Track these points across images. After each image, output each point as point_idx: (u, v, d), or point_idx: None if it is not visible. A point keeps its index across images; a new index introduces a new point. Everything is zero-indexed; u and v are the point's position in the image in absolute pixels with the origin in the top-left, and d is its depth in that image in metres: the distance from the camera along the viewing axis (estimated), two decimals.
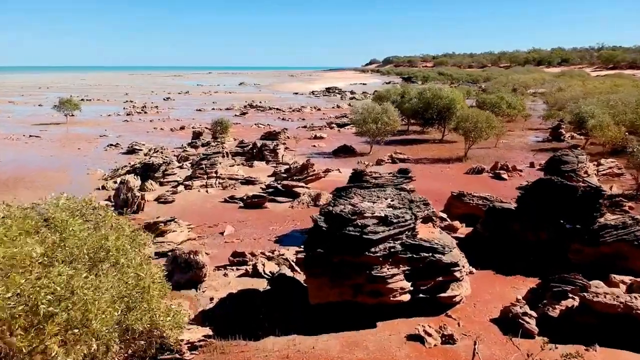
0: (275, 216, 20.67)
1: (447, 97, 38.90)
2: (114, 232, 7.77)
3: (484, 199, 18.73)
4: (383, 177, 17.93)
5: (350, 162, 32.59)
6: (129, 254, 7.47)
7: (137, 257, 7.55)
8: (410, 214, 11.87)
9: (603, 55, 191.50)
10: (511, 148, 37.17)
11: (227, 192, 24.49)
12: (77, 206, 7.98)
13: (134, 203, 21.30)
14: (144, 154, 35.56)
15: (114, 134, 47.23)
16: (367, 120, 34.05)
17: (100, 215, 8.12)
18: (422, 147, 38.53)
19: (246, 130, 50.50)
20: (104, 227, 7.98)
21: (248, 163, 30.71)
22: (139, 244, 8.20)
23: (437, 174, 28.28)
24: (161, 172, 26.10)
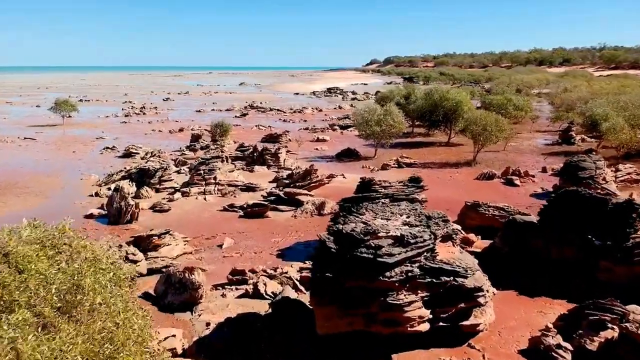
0: (277, 226, 19.48)
1: (455, 98, 37.69)
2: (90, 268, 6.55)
3: (501, 209, 17.53)
4: (393, 187, 16.72)
5: (355, 167, 31.41)
6: (106, 294, 6.25)
7: (117, 299, 6.32)
8: (428, 233, 10.67)
9: (605, 55, 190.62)
10: (520, 151, 35.95)
11: (226, 199, 23.29)
12: (47, 236, 6.75)
13: (128, 212, 20.12)
14: (140, 157, 34.36)
15: (111, 136, 46.05)
16: (371, 122, 32.85)
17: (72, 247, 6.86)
18: (429, 150, 37.32)
19: (247, 132, 49.31)
20: (78, 259, 6.76)
21: (248, 168, 29.51)
22: (119, 278, 6.98)
23: (445, 180, 27.08)
24: (157, 178, 24.91)
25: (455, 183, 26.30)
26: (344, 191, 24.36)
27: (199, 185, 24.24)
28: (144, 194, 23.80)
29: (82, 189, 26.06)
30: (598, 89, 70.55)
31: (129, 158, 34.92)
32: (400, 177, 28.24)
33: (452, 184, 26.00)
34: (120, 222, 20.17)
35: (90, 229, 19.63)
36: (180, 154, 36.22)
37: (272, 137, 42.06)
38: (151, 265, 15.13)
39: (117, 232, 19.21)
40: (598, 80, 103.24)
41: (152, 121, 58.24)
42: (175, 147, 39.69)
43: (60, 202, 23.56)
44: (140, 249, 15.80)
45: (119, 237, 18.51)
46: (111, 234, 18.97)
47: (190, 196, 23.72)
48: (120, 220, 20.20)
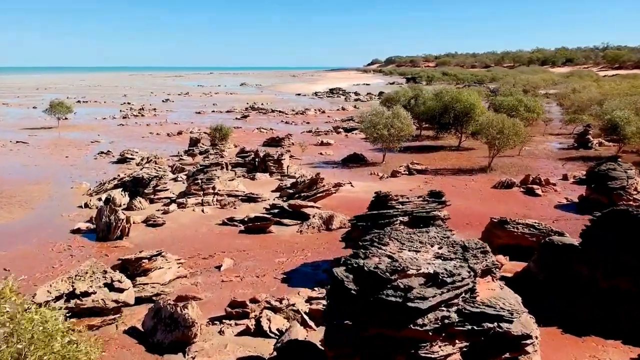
0: (282, 244, 17.69)
1: (467, 100, 35.87)
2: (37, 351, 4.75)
3: (531, 227, 15.72)
4: (412, 202, 14.97)
5: (362, 173, 29.62)
6: None
7: None
8: (467, 269, 8.87)
9: (608, 55, 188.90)
10: (536, 156, 34.12)
11: (225, 211, 21.50)
12: None
13: (118, 228, 18.35)
14: (136, 163, 32.60)
15: (106, 140, 44.32)
16: (378, 126, 31.04)
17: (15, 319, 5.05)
18: (439, 155, 35.50)
19: (247, 135, 47.53)
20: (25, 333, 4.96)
21: (250, 175, 27.73)
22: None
23: (461, 189, 25.26)
24: (152, 188, 23.15)
25: (472, 192, 24.49)
26: (352, 202, 22.64)
27: (197, 195, 22.46)
28: (137, 205, 22.04)
29: (72, 199, 24.29)
30: (608, 89, 68.58)
31: (124, 164, 33.16)
32: (412, 185, 26.53)
33: (468, 193, 24.19)
34: (109, 238, 18.39)
35: (76, 246, 17.87)
36: (177, 159, 34.45)
37: (274, 140, 40.29)
38: (140, 293, 13.35)
39: (105, 250, 17.45)
40: (605, 80, 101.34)
41: (151, 123, 56.50)
42: (173, 152, 37.92)
43: (46, 214, 21.80)
44: (128, 273, 14.02)
45: (107, 256, 16.80)
46: (98, 252, 17.21)
47: (187, 207, 21.95)
48: (110, 236, 18.43)
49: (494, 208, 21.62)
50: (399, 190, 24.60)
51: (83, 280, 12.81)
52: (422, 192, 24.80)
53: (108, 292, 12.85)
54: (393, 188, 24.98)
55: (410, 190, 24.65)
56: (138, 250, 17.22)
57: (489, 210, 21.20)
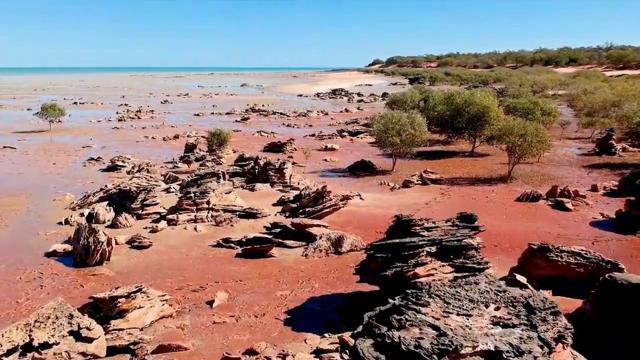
0: (284, 271, 15.34)
1: (480, 103, 33.51)
2: None
3: (579, 256, 13.35)
4: (439, 228, 12.61)
5: (371, 183, 27.27)
6: None
7: None
8: (537, 341, 6.54)
9: (612, 55, 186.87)
10: (557, 163, 31.73)
11: (221, 230, 19.17)
12: None
13: (97, 252, 16.03)
14: (126, 171, 30.29)
15: (99, 144, 42.06)
16: (390, 131, 28.67)
17: None
18: (452, 162, 33.13)
19: (247, 139, 45.23)
20: None
21: (249, 186, 25.40)
22: None
23: (482, 202, 22.90)
24: (139, 202, 20.82)
25: (495, 206, 22.11)
26: (363, 218, 20.31)
27: (189, 211, 20.13)
28: (122, 222, 19.71)
29: (52, 214, 21.99)
30: (621, 90, 66.18)
31: (114, 172, 30.87)
32: (427, 198, 24.16)
33: (491, 208, 21.81)
34: (87, 263, 16.08)
35: (48, 273, 15.55)
36: (172, 167, 32.14)
37: (275, 145, 37.97)
38: (113, 341, 11.03)
39: (81, 278, 15.13)
40: (615, 81, 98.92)
41: (147, 126, 54.22)
42: (167, 158, 35.62)
43: (20, 233, 19.50)
44: (101, 314, 11.71)
45: (82, 287, 14.50)
46: (73, 282, 14.90)
47: (178, 225, 19.63)
48: (88, 260, 16.11)
49: (523, 226, 19.27)
50: (414, 204, 22.30)
51: (44, 328, 10.49)
52: (439, 205, 22.57)
53: (74, 343, 10.54)
54: (407, 201, 22.66)
55: (426, 204, 22.30)
56: (119, 279, 15.01)
57: (517, 229, 18.88)
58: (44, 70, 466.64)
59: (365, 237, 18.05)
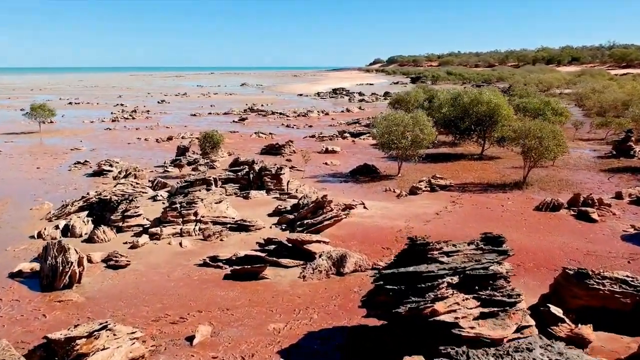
0: (279, 297, 13.35)
1: (489, 102, 31.48)
2: None
3: (624, 283, 11.36)
4: (460, 253, 10.63)
5: (375, 189, 25.25)
6: None
7: None
8: None
9: (615, 54, 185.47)
10: (573, 167, 29.69)
11: (209, 245, 17.19)
12: None
13: (65, 273, 14.06)
14: (112, 176, 28.33)
15: (88, 147, 40.12)
16: (395, 133, 26.65)
17: None
18: (461, 165, 31.11)
19: (244, 141, 43.23)
20: None
21: (243, 193, 23.40)
22: None
23: (497, 211, 20.88)
24: (120, 213, 18.83)
25: (513, 216, 20.09)
26: (367, 231, 18.30)
27: (174, 223, 18.15)
28: (99, 236, 17.74)
29: (26, 225, 20.03)
30: (631, 89, 64.16)
31: (100, 177, 28.92)
32: (437, 206, 22.07)
33: (509, 219, 19.80)
34: (55, 286, 14.11)
35: (8, 299, 13.58)
36: (162, 171, 30.17)
37: (273, 148, 35.99)
38: None
39: (44, 306, 13.16)
40: (621, 79, 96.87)
41: (140, 127, 52.26)
42: (158, 161, 33.64)
43: None
44: (56, 359, 9.75)
45: (45, 317, 12.53)
46: (35, 311, 12.92)
47: (162, 239, 17.65)
48: (56, 283, 14.14)
49: (546, 240, 17.27)
50: (423, 214, 20.30)
51: None
52: (451, 216, 20.52)
53: None
54: (415, 211, 20.67)
55: (436, 214, 20.28)
56: (89, 306, 13.07)
57: (541, 244, 16.88)
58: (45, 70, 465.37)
59: (371, 253, 16.10)
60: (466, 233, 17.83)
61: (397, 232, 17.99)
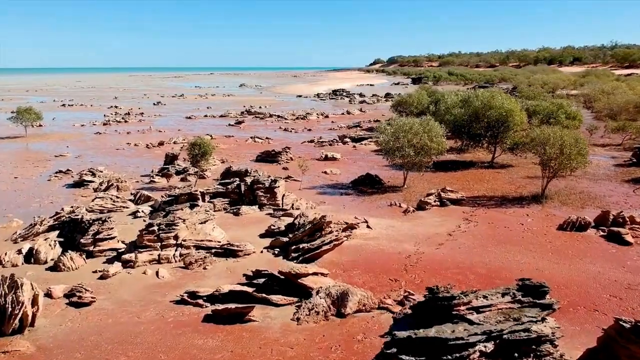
0: (266, 348, 11.11)
1: (502, 107, 29.24)
2: None
3: None
4: (493, 307, 8.42)
5: (379, 203, 22.99)
6: None
7: None
8: None
9: (618, 54, 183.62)
10: (593, 177, 27.43)
11: (189, 276, 14.96)
12: None
13: (15, 316, 11.83)
14: (93, 188, 26.11)
15: (74, 153, 37.90)
16: (402, 141, 24.40)
17: None
18: (471, 175, 28.85)
19: (239, 146, 41.01)
20: None
21: (233, 209, 21.16)
22: None
23: (516, 231, 18.63)
24: (91, 236, 16.61)
25: (535, 238, 17.82)
26: (372, 257, 16.00)
27: (151, 248, 15.91)
28: (66, 263, 15.51)
29: None
30: None
31: (81, 188, 26.70)
32: (450, 225, 19.60)
33: (531, 241, 17.54)
34: (3, 331, 11.89)
35: None
36: (148, 182, 27.94)
37: (269, 155, 33.76)
38: None
39: None
40: (627, 80, 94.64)
41: (132, 131, 50.03)
42: (146, 170, 31.41)
43: None
44: None
45: None
46: None
47: (136, 267, 15.44)
48: (4, 327, 11.91)
49: (578, 269, 15.02)
50: (435, 235, 18.03)
51: None
52: (466, 237, 18.17)
53: None
54: (425, 231, 18.42)
55: (449, 235, 18.04)
56: (39, 358, 10.83)
57: (572, 274, 14.62)
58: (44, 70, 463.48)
59: (376, 286, 13.88)
60: (486, 260, 15.62)
61: (406, 258, 15.76)
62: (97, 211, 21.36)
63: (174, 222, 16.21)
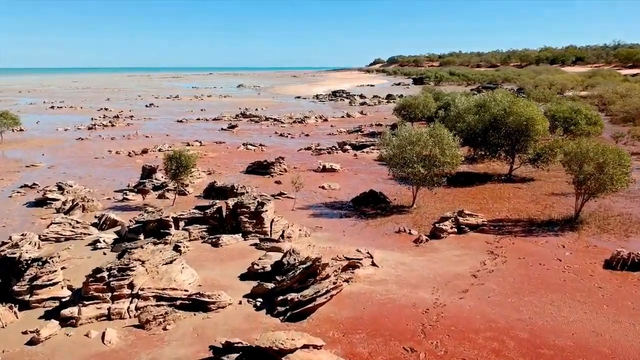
0: None
1: (523, 113, 25.85)
2: None
3: None
4: None
5: (386, 230, 19.58)
6: None
7: None
8: None
9: (621, 53, 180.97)
10: (629, 195, 23.91)
11: (145, 339, 11.59)
12: None
13: None
14: (56, 208, 22.71)
15: (49, 162, 34.53)
16: (409, 155, 21.00)
17: None
18: (488, 190, 25.46)
19: (230, 154, 37.62)
20: None
21: (211, 238, 17.77)
22: None
23: (554, 270, 15.23)
24: (27, 281, 13.24)
25: (579, 282, 14.40)
26: (379, 310, 12.24)
27: (100, 300, 12.54)
28: None
29: None
30: None
31: (43, 207, 23.31)
32: (472, 262, 15.63)
33: (575, 286, 14.13)
34: None
35: None
36: (121, 199, 24.54)
37: (261, 166, 30.38)
38: None
39: None
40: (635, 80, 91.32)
41: (117, 137, 46.64)
42: (122, 182, 28.05)
43: None
44: None
45: None
46: None
47: (79, 325, 12.08)
48: None
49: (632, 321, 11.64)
50: (456, 277, 14.61)
51: None
52: (495, 281, 14.02)
53: None
54: (444, 271, 15.01)
55: (474, 277, 14.64)
56: None
57: None
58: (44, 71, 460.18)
59: (388, 358, 10.49)
60: (525, 317, 12.23)
61: (424, 313, 12.38)
62: (53, 240, 18.05)
63: (129, 267, 12.82)
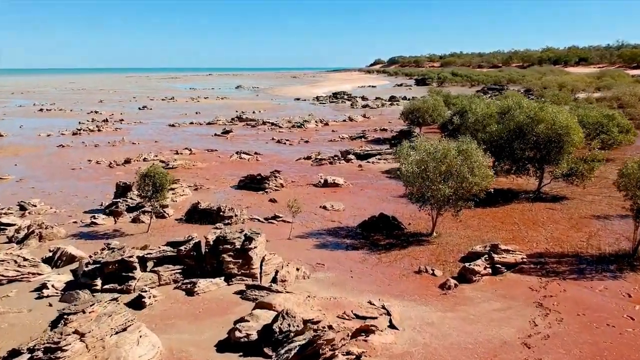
0: None
1: (556, 121, 22.31)
2: None
3: None
4: None
5: (402, 267, 16.00)
6: None
7: None
8: None
9: (625, 54, 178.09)
10: None
11: None
12: None
13: None
14: (8, 237, 19.13)
15: (20, 174, 31.03)
16: (434, 174, 17.41)
17: None
18: (518, 212, 21.88)
19: (222, 164, 34.07)
20: None
21: (186, 282, 14.20)
22: None
23: (628, 336, 11.68)
24: None
25: None
26: None
27: None
28: None
29: None
30: None
31: None
32: (518, 320, 10.44)
33: None
34: None
35: None
36: (89, 222, 20.96)
37: (254, 180, 26.84)
38: None
39: None
40: None
41: (101, 143, 43.10)
42: (96, 200, 24.53)
43: None
44: None
45: None
46: None
47: None
48: None
49: None
50: (501, 345, 10.94)
51: None
52: (553, 348, 9.89)
53: None
54: (484, 336, 11.38)
55: (526, 346, 11.05)
56: None
57: None
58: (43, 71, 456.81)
59: None
60: None
61: None
62: None
63: (60, 346, 9.25)
